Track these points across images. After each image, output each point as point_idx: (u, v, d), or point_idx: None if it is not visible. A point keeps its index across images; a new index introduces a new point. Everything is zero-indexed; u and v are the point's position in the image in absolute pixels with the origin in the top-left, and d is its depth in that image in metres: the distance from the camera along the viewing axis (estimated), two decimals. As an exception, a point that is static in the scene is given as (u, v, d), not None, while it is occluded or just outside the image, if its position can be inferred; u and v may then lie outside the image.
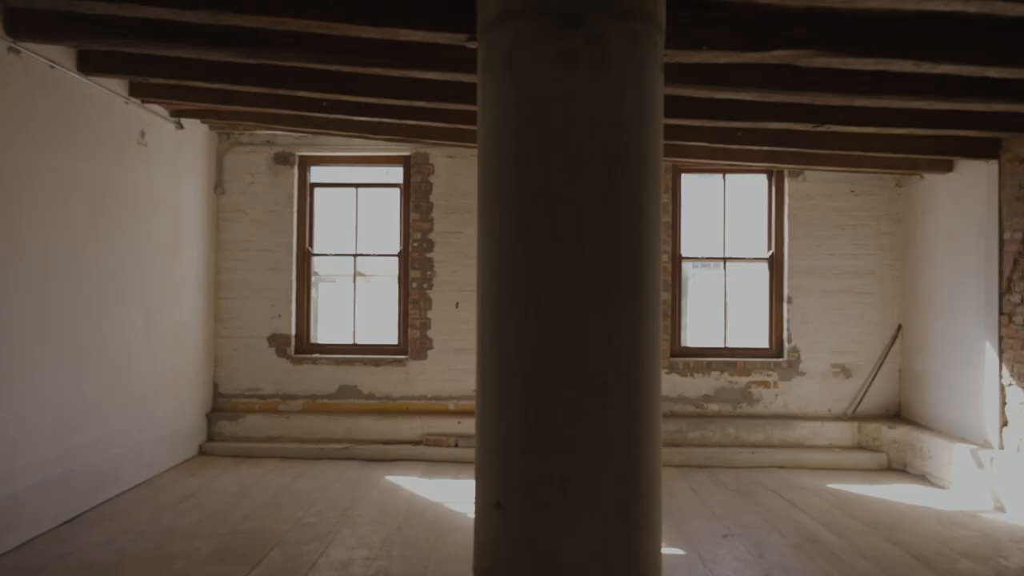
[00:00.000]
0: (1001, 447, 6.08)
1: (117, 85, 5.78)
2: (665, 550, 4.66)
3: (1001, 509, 5.80)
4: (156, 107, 6.40)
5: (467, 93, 5.03)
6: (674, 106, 5.02)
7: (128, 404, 6.03)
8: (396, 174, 7.90)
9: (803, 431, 7.49)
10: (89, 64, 5.24)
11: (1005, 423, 6.06)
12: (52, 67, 4.99)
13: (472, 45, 3.82)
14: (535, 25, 3.33)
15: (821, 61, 3.99)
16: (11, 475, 4.63)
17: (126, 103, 5.94)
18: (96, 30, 4.39)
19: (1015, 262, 5.94)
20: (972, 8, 3.41)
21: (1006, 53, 3.94)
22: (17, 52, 4.67)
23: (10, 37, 4.55)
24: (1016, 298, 5.93)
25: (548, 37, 3.31)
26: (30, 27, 4.51)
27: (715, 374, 7.73)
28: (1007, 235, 6.04)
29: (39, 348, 4.92)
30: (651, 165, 3.46)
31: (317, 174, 7.97)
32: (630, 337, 3.37)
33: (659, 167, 3.53)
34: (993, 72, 4.10)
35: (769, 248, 7.87)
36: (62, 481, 5.12)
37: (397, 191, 7.87)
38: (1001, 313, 6.09)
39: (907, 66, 3.98)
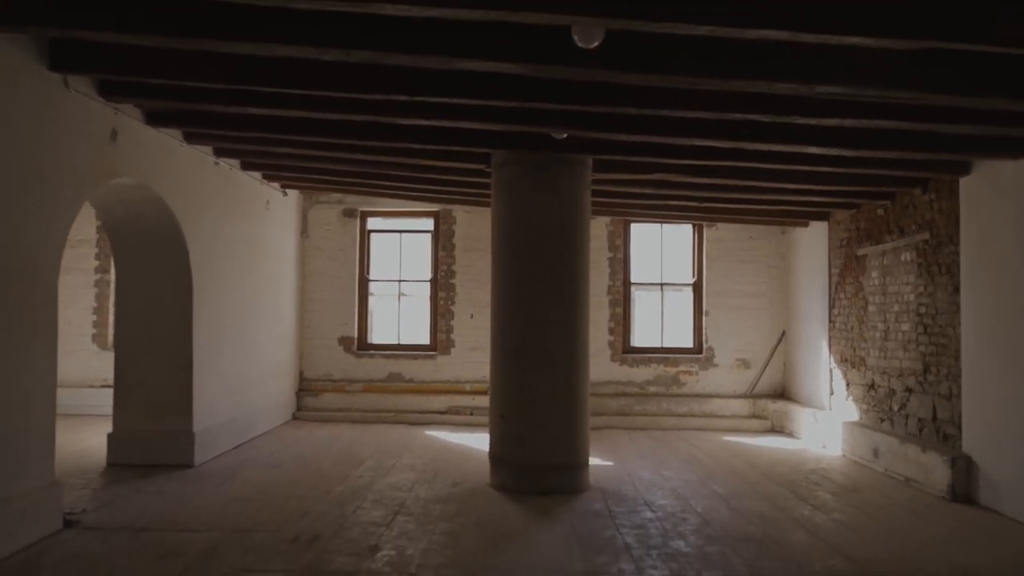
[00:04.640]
0: (830, 409, 9.25)
1: (257, 173, 9.00)
2: (602, 462, 7.80)
3: (824, 447, 8.96)
4: (274, 183, 9.62)
5: (477, 184, 8.16)
6: (611, 192, 8.27)
7: (259, 382, 9.19)
8: (428, 223, 11.12)
9: (714, 406, 10.65)
10: (249, 165, 8.46)
11: (832, 393, 9.24)
12: (231, 168, 8.22)
13: (488, 170, 7.03)
14: (522, 169, 6.64)
15: (680, 179, 7.21)
16: (213, 415, 7.79)
17: (260, 184, 9.16)
18: (272, 156, 7.63)
19: (836, 287, 9.15)
20: (767, 168, 6.58)
21: (797, 178, 7.14)
22: (217, 163, 7.88)
23: (216, 156, 7.78)
24: (836, 311, 9.13)
25: (529, 175, 6.61)
26: (229, 153, 7.76)
27: (654, 366, 10.91)
28: (832, 269, 9.26)
29: (219, 344, 8.08)
30: (583, 242, 6.76)
31: (373, 223, 11.21)
32: (571, 336, 6.65)
33: (587, 242, 6.81)
34: (790, 187, 7.33)
35: (693, 276, 11.07)
36: (232, 423, 8.29)
37: (429, 236, 11.10)
38: (830, 321, 9.29)
39: (732, 183, 7.23)
